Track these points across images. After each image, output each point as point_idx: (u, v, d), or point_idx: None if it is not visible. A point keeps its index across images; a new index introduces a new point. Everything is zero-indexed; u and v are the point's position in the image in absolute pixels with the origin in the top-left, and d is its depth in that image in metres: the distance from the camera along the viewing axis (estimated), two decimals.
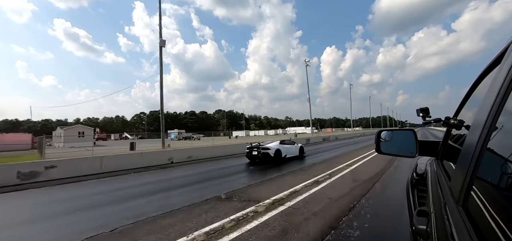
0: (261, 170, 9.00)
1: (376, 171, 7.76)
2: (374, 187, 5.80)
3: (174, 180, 8.29)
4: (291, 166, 9.52)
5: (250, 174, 8.34)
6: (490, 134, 0.60)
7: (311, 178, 6.96)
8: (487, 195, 0.56)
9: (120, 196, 6.24)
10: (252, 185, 6.50)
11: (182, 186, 6.96)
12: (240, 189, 6.04)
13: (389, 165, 8.53)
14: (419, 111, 1.45)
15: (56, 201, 6.10)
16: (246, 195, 5.48)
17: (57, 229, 4.12)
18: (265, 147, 10.95)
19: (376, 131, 1.91)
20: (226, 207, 4.67)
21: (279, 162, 10.83)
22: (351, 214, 4.03)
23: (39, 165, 8.64)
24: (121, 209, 4.92)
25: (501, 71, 0.65)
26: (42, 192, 7.00)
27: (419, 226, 0.85)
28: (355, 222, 3.68)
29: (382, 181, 6.36)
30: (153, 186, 7.41)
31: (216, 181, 7.46)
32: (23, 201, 6.32)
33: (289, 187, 5.96)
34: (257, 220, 3.90)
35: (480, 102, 0.79)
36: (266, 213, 4.20)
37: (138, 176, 9.01)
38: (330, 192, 5.41)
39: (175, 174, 9.45)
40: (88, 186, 7.58)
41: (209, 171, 9.67)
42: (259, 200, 5.00)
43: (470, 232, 0.53)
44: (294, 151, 12.46)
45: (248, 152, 11.48)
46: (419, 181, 1.66)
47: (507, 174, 0.49)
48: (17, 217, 4.82)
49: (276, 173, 8.07)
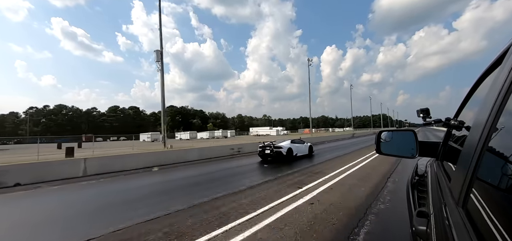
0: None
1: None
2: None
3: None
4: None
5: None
6: (490, 135, 0.60)
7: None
8: (488, 197, 0.56)
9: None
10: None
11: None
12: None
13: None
14: (420, 111, 1.45)
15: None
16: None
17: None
18: (278, 146, 11.46)
19: (367, 131, 1.90)
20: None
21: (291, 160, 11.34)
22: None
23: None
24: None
25: (501, 72, 0.64)
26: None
27: (419, 227, 0.85)
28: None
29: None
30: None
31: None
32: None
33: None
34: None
35: (480, 103, 0.79)
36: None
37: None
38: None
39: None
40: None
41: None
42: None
43: (470, 233, 0.53)
44: (304, 149, 12.94)
45: (260, 151, 11.90)
46: (419, 182, 1.66)
47: (507, 176, 0.49)
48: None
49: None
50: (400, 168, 8.09)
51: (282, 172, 8.27)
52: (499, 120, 0.57)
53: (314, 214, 4.05)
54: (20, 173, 8.07)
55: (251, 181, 6.86)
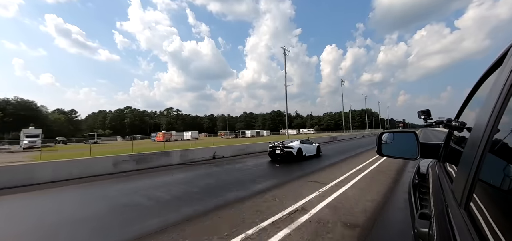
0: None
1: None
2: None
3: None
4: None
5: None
6: (492, 136, 0.59)
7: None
8: (490, 198, 0.56)
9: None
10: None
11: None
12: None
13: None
14: (421, 113, 1.44)
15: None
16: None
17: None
18: (288, 146, 11.65)
19: (338, 135, 1.86)
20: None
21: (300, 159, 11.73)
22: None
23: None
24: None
25: (503, 73, 0.64)
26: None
27: (421, 229, 0.85)
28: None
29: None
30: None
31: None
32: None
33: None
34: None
35: (482, 104, 0.79)
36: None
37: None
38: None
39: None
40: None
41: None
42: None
43: (472, 235, 0.53)
44: (312, 150, 13.22)
45: (271, 150, 12.06)
46: (421, 184, 1.65)
47: (509, 177, 0.49)
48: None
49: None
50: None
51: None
52: (500, 121, 0.57)
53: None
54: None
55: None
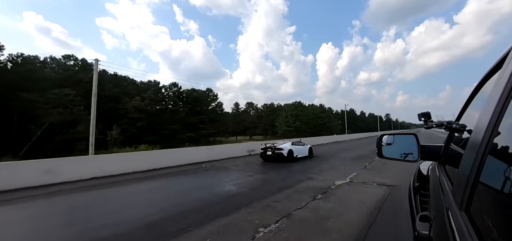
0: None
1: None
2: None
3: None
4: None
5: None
6: (492, 138, 0.59)
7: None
8: (490, 201, 0.56)
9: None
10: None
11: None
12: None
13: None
14: (421, 115, 1.44)
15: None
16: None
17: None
18: (279, 147, 11.75)
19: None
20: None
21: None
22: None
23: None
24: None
25: (503, 76, 0.64)
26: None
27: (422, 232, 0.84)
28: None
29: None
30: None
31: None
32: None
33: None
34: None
35: (482, 106, 0.78)
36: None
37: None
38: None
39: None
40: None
41: None
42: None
43: (473, 238, 0.52)
44: (304, 151, 13.28)
45: (262, 152, 12.19)
46: (421, 186, 1.65)
47: (510, 179, 0.49)
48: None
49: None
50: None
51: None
52: (501, 124, 0.57)
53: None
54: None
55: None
